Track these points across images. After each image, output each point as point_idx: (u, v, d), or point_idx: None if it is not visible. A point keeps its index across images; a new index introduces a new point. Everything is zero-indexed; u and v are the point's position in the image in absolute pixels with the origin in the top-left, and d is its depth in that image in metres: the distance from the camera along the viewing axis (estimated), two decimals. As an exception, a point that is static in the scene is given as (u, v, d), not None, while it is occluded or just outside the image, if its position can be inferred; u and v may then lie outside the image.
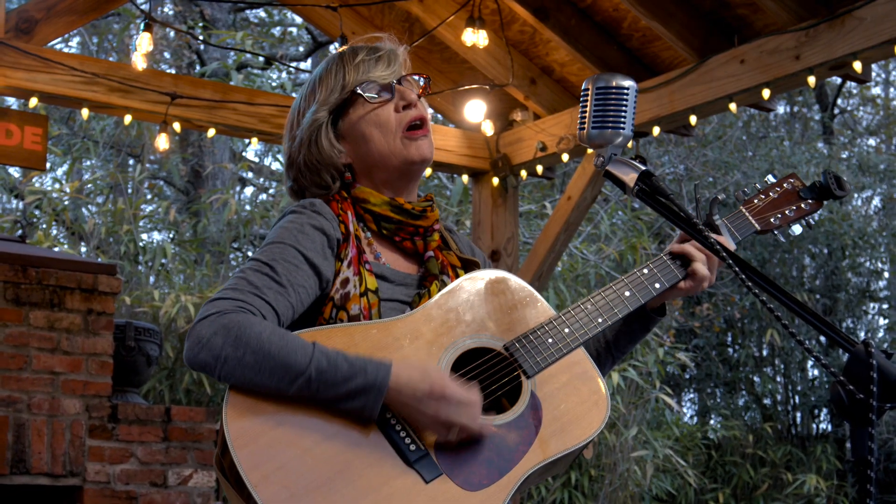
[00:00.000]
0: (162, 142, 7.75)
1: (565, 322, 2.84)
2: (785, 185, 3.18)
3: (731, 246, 3.05)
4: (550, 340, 2.80)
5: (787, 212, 3.15)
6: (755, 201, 3.15)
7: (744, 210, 3.13)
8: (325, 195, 2.96)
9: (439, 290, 2.84)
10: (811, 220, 3.19)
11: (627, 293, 2.93)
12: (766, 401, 16.50)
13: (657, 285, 2.97)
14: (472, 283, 2.86)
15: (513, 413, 2.71)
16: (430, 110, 3.15)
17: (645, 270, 2.98)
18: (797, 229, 3.16)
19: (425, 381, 2.59)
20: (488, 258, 3.19)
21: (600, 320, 2.87)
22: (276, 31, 18.56)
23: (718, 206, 2.98)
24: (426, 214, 2.96)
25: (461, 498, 2.56)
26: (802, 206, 3.17)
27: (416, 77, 3.01)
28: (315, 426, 2.56)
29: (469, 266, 3.03)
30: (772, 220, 3.13)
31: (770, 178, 3.20)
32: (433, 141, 2.98)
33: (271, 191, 17.02)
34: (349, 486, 2.50)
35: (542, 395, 2.75)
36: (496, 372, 2.76)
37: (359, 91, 2.91)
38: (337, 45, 7.74)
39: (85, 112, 7.62)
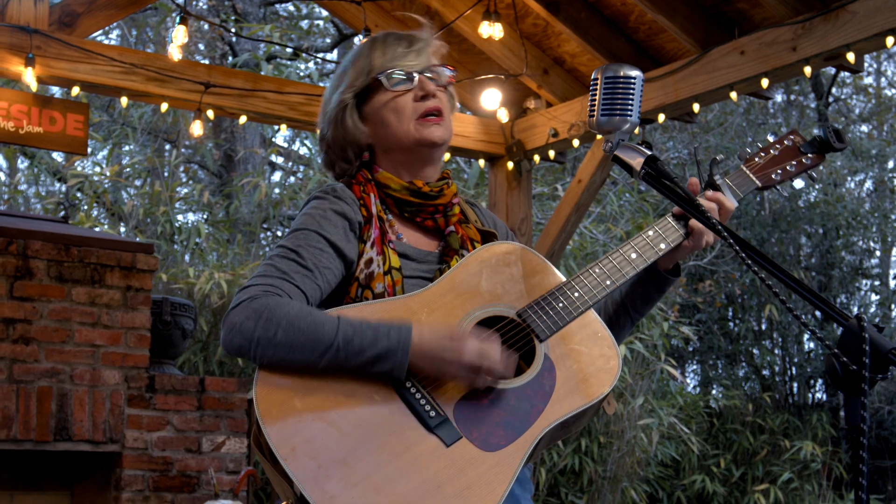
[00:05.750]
0: (196, 128, 7.75)
1: (575, 287, 2.83)
2: (786, 141, 3.10)
3: (734, 203, 2.99)
4: (561, 305, 2.79)
5: (788, 167, 3.07)
6: (756, 159, 3.07)
7: (744, 168, 3.06)
8: (350, 169, 2.98)
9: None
10: (814, 174, 3.11)
11: (633, 255, 2.89)
12: (765, 372, 16.47)
13: (662, 245, 2.91)
14: (485, 256, 2.85)
15: (528, 375, 2.70)
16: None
17: (650, 233, 2.93)
18: (799, 183, 3.12)
19: (445, 330, 2.61)
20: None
21: (608, 283, 2.85)
22: (304, 24, 18.56)
23: (717, 165, 2.94)
24: (443, 192, 2.96)
25: (480, 458, 2.55)
26: (804, 160, 3.08)
27: (443, 68, 3.00)
28: (338, 400, 2.57)
29: (488, 238, 3.02)
30: (773, 175, 3.06)
31: (770, 137, 3.13)
32: (452, 128, 2.98)
33: (299, 174, 17.00)
34: (373, 454, 2.51)
35: (556, 357, 2.73)
36: (510, 337, 2.74)
37: (380, 78, 2.92)
38: (361, 37, 7.74)
39: (124, 100, 7.63)
